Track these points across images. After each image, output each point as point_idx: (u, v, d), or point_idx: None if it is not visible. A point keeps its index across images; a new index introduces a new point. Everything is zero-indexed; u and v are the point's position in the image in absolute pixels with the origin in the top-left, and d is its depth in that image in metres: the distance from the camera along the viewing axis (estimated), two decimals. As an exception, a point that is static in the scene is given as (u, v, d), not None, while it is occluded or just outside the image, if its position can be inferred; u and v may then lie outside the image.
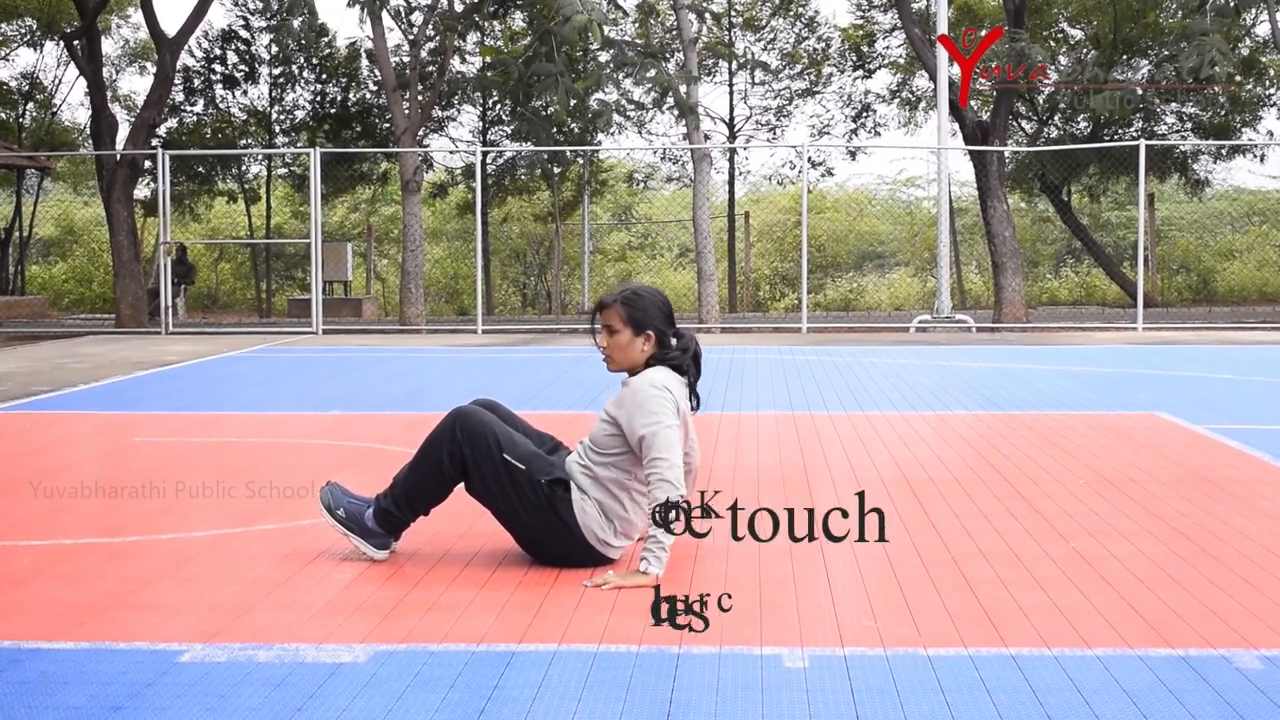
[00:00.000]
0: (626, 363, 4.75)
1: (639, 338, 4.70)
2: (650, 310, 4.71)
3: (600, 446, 4.66)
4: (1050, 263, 31.33)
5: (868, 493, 6.11)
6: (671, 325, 4.77)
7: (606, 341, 4.75)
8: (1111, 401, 9.68)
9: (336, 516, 4.80)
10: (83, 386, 11.16)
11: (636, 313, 4.70)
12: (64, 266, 32.80)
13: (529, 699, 3.35)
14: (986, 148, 20.37)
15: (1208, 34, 18.76)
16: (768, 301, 30.20)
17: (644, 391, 4.58)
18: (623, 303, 4.72)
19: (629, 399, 4.60)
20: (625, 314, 4.70)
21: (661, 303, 4.77)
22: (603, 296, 4.85)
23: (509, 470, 4.58)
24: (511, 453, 4.60)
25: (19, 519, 5.65)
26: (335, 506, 4.82)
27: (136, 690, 3.42)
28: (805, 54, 29.51)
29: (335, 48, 28.16)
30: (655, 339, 4.71)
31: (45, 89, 30.90)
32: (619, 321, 4.71)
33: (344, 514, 4.80)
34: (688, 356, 4.74)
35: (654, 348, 4.72)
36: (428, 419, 8.51)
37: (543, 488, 4.58)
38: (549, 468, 4.63)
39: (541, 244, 30.21)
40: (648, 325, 4.70)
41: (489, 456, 4.59)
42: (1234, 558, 4.81)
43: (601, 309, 4.77)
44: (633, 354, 4.72)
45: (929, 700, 3.34)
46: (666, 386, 4.61)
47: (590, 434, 4.74)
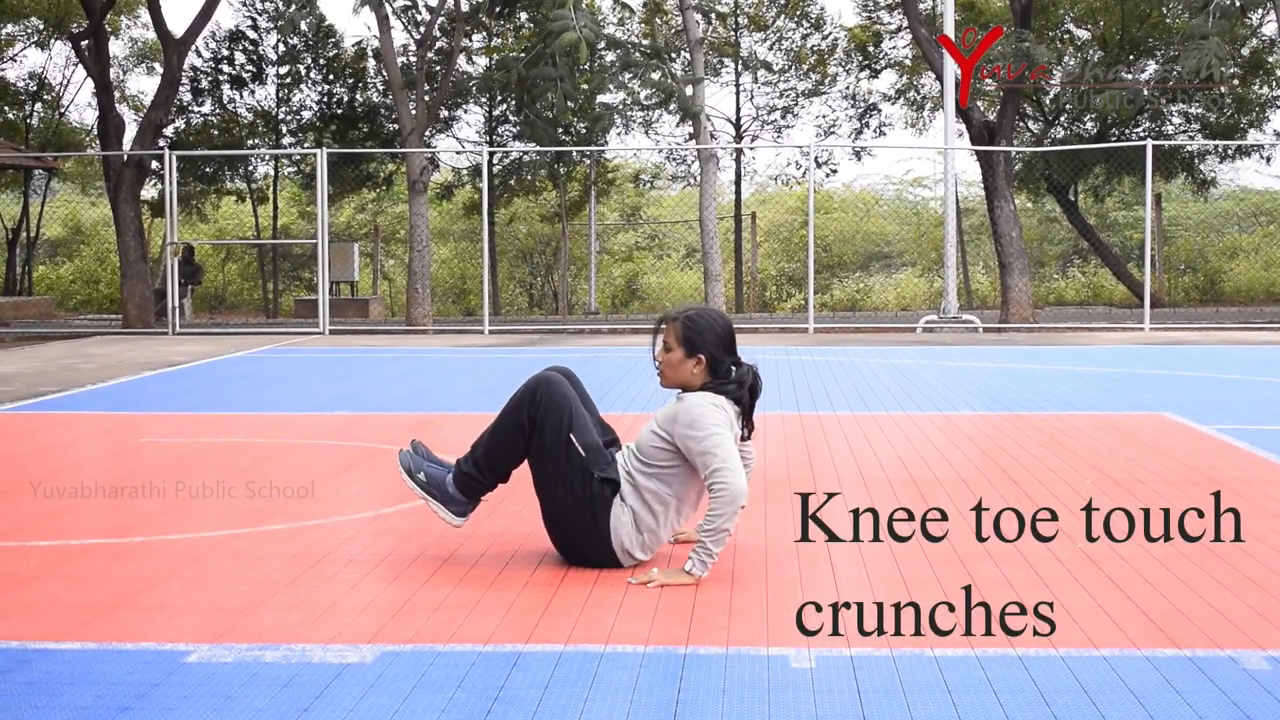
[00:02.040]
0: (677, 381, 4.74)
1: (690, 360, 4.69)
2: (707, 335, 4.69)
3: (646, 456, 4.65)
4: (1057, 263, 31.29)
5: (872, 493, 6.11)
6: (730, 354, 4.74)
7: (662, 356, 4.75)
8: (1118, 402, 9.67)
9: (417, 480, 4.81)
10: (90, 387, 11.18)
11: (692, 334, 4.68)
12: (71, 267, 32.84)
13: (535, 699, 3.35)
14: (993, 148, 20.35)
15: (1208, 37, 18.74)
16: (774, 302, 30.20)
17: (698, 408, 4.57)
18: (683, 323, 4.71)
19: (682, 415, 4.58)
20: (681, 334, 4.70)
21: (721, 330, 4.73)
22: (668, 311, 4.85)
23: (569, 451, 4.59)
24: (578, 436, 4.61)
25: (25, 519, 5.66)
26: (415, 470, 4.82)
27: (143, 691, 3.42)
28: (811, 53, 29.51)
29: (342, 48, 28.18)
30: (707, 364, 4.69)
31: (53, 89, 30.97)
32: (675, 340, 4.71)
33: (425, 478, 4.81)
34: (743, 389, 4.71)
35: (705, 373, 4.70)
36: (434, 419, 8.49)
37: (593, 482, 4.59)
38: (605, 464, 4.63)
39: (548, 244, 30.22)
40: (701, 349, 4.68)
41: (556, 429, 4.60)
42: (1241, 558, 4.80)
43: (664, 323, 4.78)
44: (683, 374, 4.71)
45: (935, 701, 3.34)
46: (720, 407, 4.60)
47: (637, 441, 4.73)
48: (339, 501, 6.00)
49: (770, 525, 5.40)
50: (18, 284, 27.87)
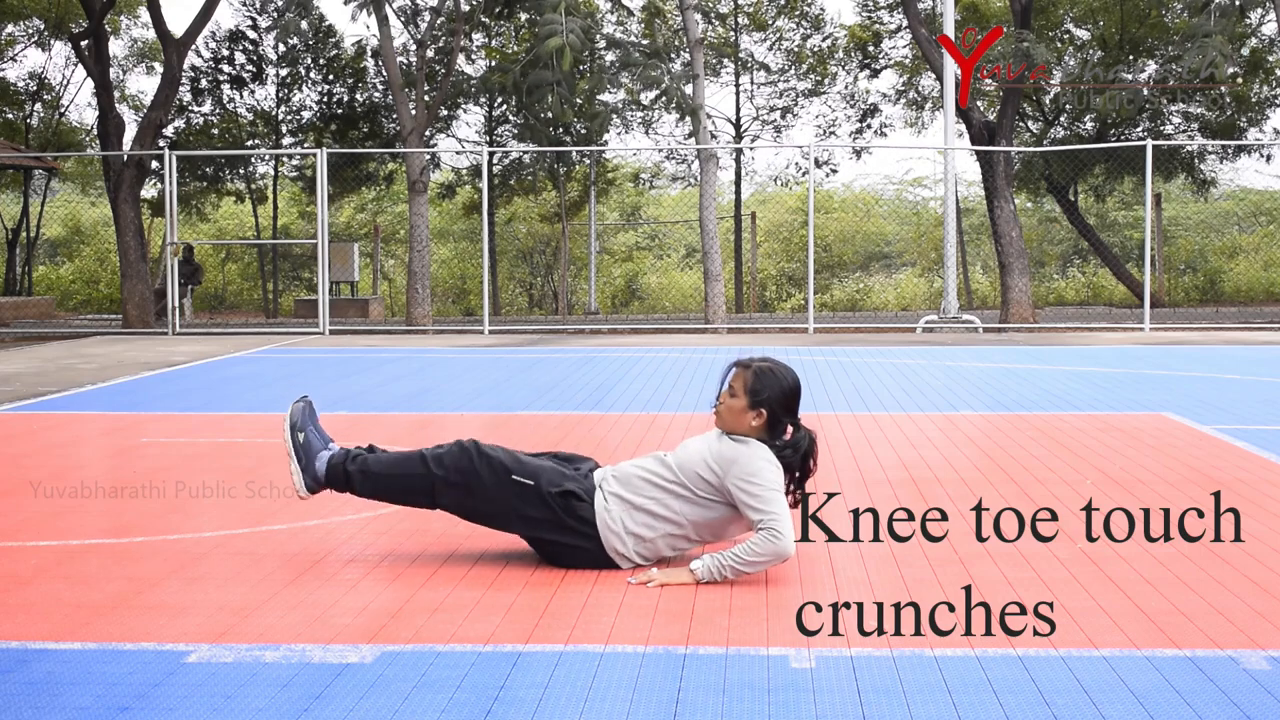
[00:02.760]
0: (732, 427, 4.69)
1: (751, 412, 4.65)
2: (774, 392, 4.65)
3: (686, 477, 4.59)
4: (1057, 263, 31.31)
5: (872, 493, 6.11)
6: (791, 415, 4.70)
7: (725, 400, 4.71)
8: (1118, 402, 9.67)
9: (295, 438, 4.78)
10: (90, 387, 11.18)
11: (760, 387, 4.65)
12: (71, 267, 32.86)
13: (535, 700, 3.35)
14: (993, 148, 20.35)
15: (1210, 35, 18.74)
16: (774, 302, 30.20)
17: (760, 460, 4.53)
18: (755, 373, 4.67)
19: (744, 462, 4.52)
20: (749, 383, 4.66)
21: (789, 388, 4.69)
22: (744, 357, 4.81)
23: (518, 490, 4.58)
24: (517, 470, 4.60)
25: (26, 519, 5.66)
26: (300, 428, 4.79)
27: (144, 691, 3.42)
28: (811, 53, 29.51)
29: (342, 48, 28.20)
30: (766, 420, 4.66)
31: (53, 89, 30.98)
32: (741, 388, 4.67)
33: (303, 439, 4.78)
34: (797, 456, 4.67)
35: (763, 428, 4.67)
36: (434, 419, 8.49)
37: (555, 499, 4.58)
38: (559, 478, 4.62)
39: (548, 244, 30.23)
40: (764, 405, 4.64)
41: (499, 479, 4.59)
42: (1241, 558, 4.80)
43: (734, 367, 4.75)
44: (740, 423, 4.66)
45: (936, 701, 3.34)
46: (775, 464, 4.57)
47: (677, 456, 4.67)
48: (339, 501, 5.99)
49: (770, 525, 5.39)
50: (18, 284, 27.87)
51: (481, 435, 4.97)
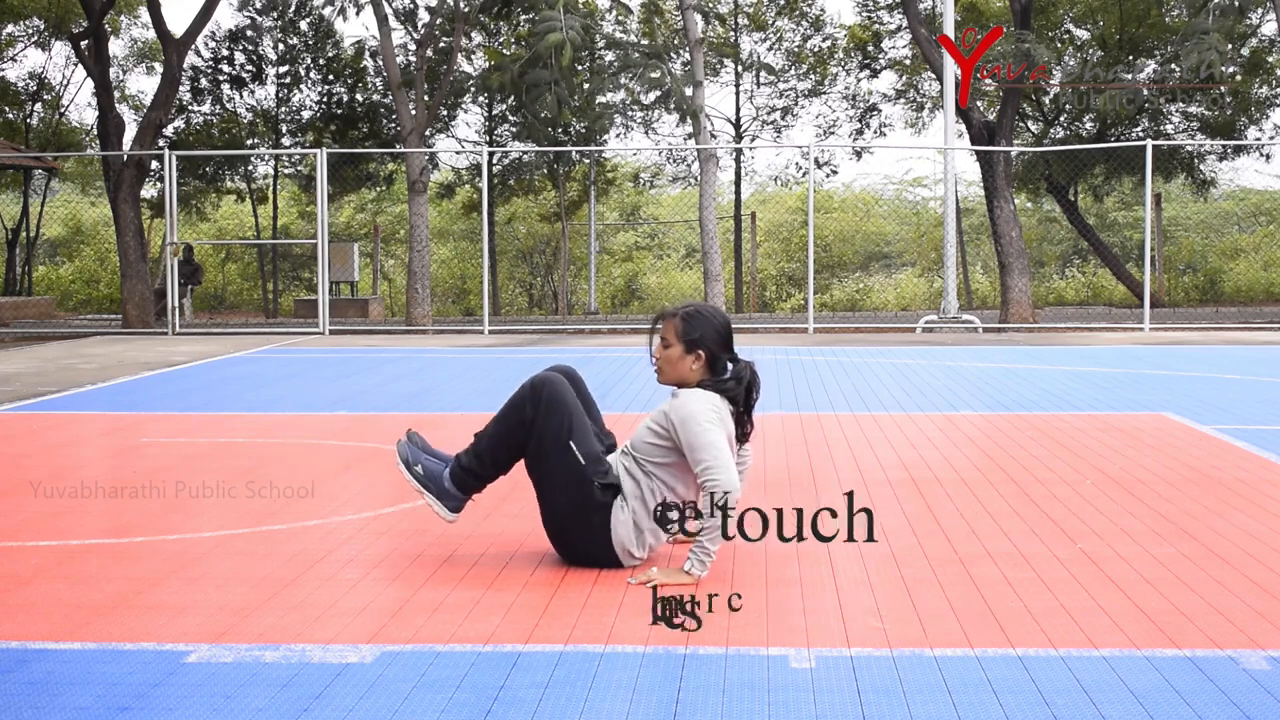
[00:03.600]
0: (675, 377, 4.74)
1: (689, 355, 4.69)
2: (706, 331, 4.69)
3: (641, 453, 4.66)
4: (1057, 263, 31.31)
5: (874, 493, 6.12)
6: (728, 350, 4.75)
7: (660, 353, 4.75)
8: (1118, 402, 9.67)
9: (414, 473, 4.81)
10: (90, 387, 11.18)
11: (692, 330, 4.69)
12: (71, 267, 32.85)
13: (535, 700, 3.35)
14: (993, 148, 20.35)
15: (1208, 33, 18.75)
16: (774, 302, 30.21)
17: (690, 406, 4.57)
18: (681, 318, 4.72)
19: (675, 410, 4.59)
20: (680, 329, 4.70)
21: (720, 325, 4.74)
22: (666, 308, 4.85)
23: (568, 457, 4.59)
24: (578, 443, 4.61)
25: (26, 519, 5.65)
26: (413, 463, 4.82)
27: (143, 691, 3.42)
28: (811, 54, 29.51)
29: (342, 48, 28.21)
30: (706, 360, 4.70)
31: (53, 89, 30.98)
32: (674, 335, 4.71)
33: (421, 471, 4.81)
34: (740, 387, 4.71)
35: (704, 369, 4.70)
36: (435, 419, 8.49)
37: (594, 489, 4.59)
38: (604, 471, 4.64)
39: (548, 244, 30.23)
40: (700, 345, 4.68)
41: (556, 434, 4.60)
42: (1241, 558, 4.80)
43: (661, 319, 4.79)
44: (681, 370, 4.71)
45: (935, 701, 3.34)
46: (714, 408, 4.60)
47: (632, 440, 4.74)
48: (339, 502, 6.00)
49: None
50: (18, 284, 27.86)
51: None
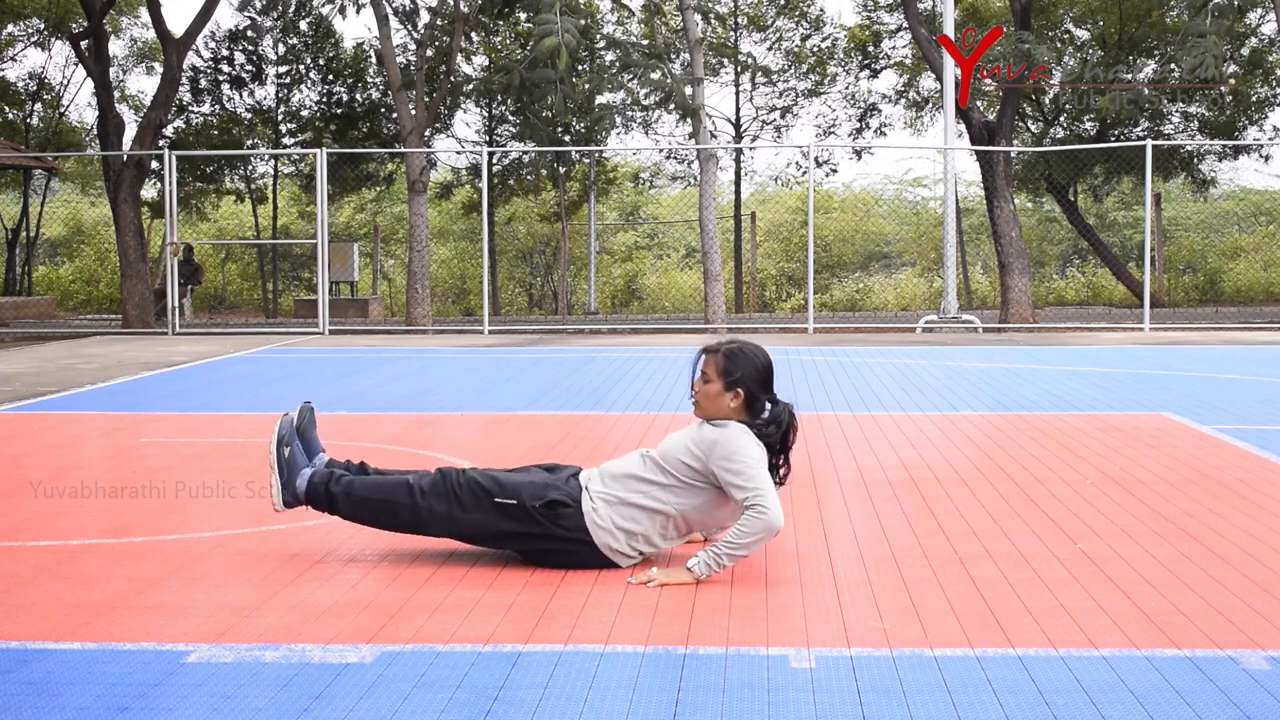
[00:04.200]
0: (712, 413, 4.72)
1: (728, 393, 4.68)
2: (747, 371, 4.69)
3: (670, 466, 4.61)
4: (1057, 263, 31.31)
5: (874, 493, 6.11)
6: (767, 391, 4.73)
7: (700, 387, 4.74)
8: (1118, 402, 9.67)
9: (279, 453, 4.81)
10: (90, 387, 11.18)
11: (732, 368, 4.68)
12: (71, 267, 32.84)
13: (535, 700, 3.35)
14: (993, 148, 20.35)
15: (1205, 35, 18.75)
16: (774, 302, 30.21)
17: (741, 438, 4.56)
18: (724, 355, 4.71)
19: (724, 443, 4.55)
20: (721, 366, 4.69)
21: (761, 365, 4.73)
22: (711, 343, 4.84)
23: (503, 511, 4.60)
24: (501, 493, 4.62)
25: (26, 519, 5.65)
26: (287, 441, 4.83)
27: (143, 690, 3.42)
28: (811, 54, 29.51)
29: (342, 48, 28.21)
30: (744, 399, 4.69)
31: (53, 89, 30.98)
32: (714, 372, 4.70)
33: (289, 454, 4.82)
34: (779, 433, 4.70)
35: (743, 408, 4.70)
36: (434, 419, 8.49)
37: (541, 512, 4.59)
38: (541, 490, 4.62)
39: (548, 244, 30.23)
40: (740, 384, 4.67)
41: (480, 508, 4.61)
42: (1241, 558, 4.80)
43: (703, 354, 4.78)
44: (719, 406, 4.70)
45: (935, 701, 3.34)
46: (758, 443, 4.60)
47: (660, 450, 4.70)
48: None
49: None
50: (18, 284, 27.86)
51: (481, 436, 4.97)
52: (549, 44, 18.04)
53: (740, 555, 4.45)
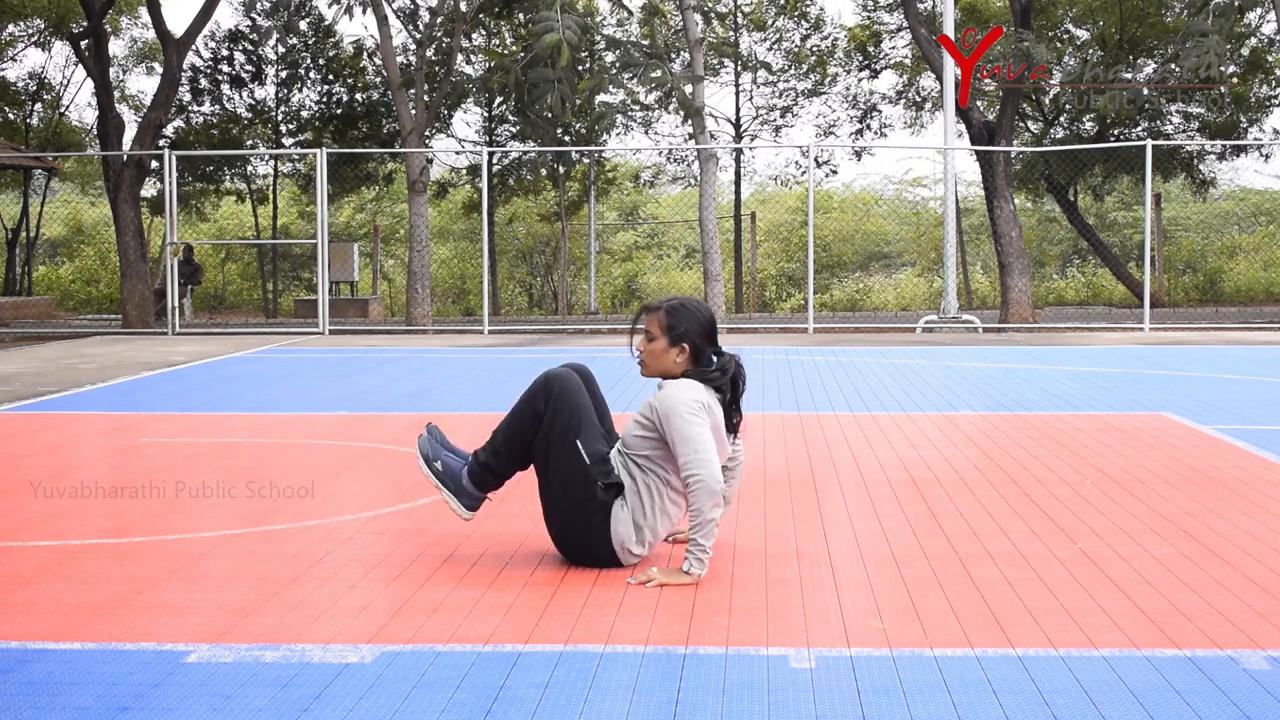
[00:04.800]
0: (659, 370, 4.76)
1: (674, 349, 4.71)
2: (690, 324, 4.71)
3: (631, 448, 4.68)
4: (1057, 263, 31.31)
5: (874, 494, 6.11)
6: (712, 343, 4.76)
7: (644, 346, 4.76)
8: (1118, 402, 9.67)
9: (433, 469, 4.82)
10: (90, 387, 11.18)
11: (675, 323, 4.71)
12: (71, 267, 32.85)
13: (535, 700, 3.35)
14: (993, 148, 20.35)
15: (1207, 35, 18.74)
16: (774, 302, 30.21)
17: (674, 397, 4.59)
18: (665, 311, 4.73)
19: (659, 402, 4.62)
20: (664, 322, 4.72)
21: (704, 318, 4.75)
22: (647, 302, 4.85)
23: (573, 456, 4.61)
24: (585, 443, 4.63)
25: (26, 519, 5.65)
26: (433, 458, 4.84)
27: (143, 690, 3.42)
28: (811, 53, 29.51)
29: (341, 48, 28.20)
30: (690, 353, 4.71)
31: (53, 89, 30.97)
32: (657, 329, 4.73)
33: (441, 468, 4.82)
34: (726, 377, 4.73)
35: (689, 361, 4.72)
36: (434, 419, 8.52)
37: (597, 489, 4.60)
38: (608, 471, 4.64)
39: (548, 244, 30.23)
40: (684, 338, 4.70)
41: (564, 432, 4.62)
42: (1241, 558, 4.80)
43: (645, 313, 4.80)
44: (665, 363, 4.73)
45: (935, 701, 3.33)
46: (697, 399, 4.61)
47: (622, 435, 4.75)
48: (339, 502, 6.00)
49: (769, 526, 5.40)
50: (18, 284, 27.86)
51: (481, 436, 4.96)
52: (549, 40, 18.04)
53: (710, 530, 4.46)
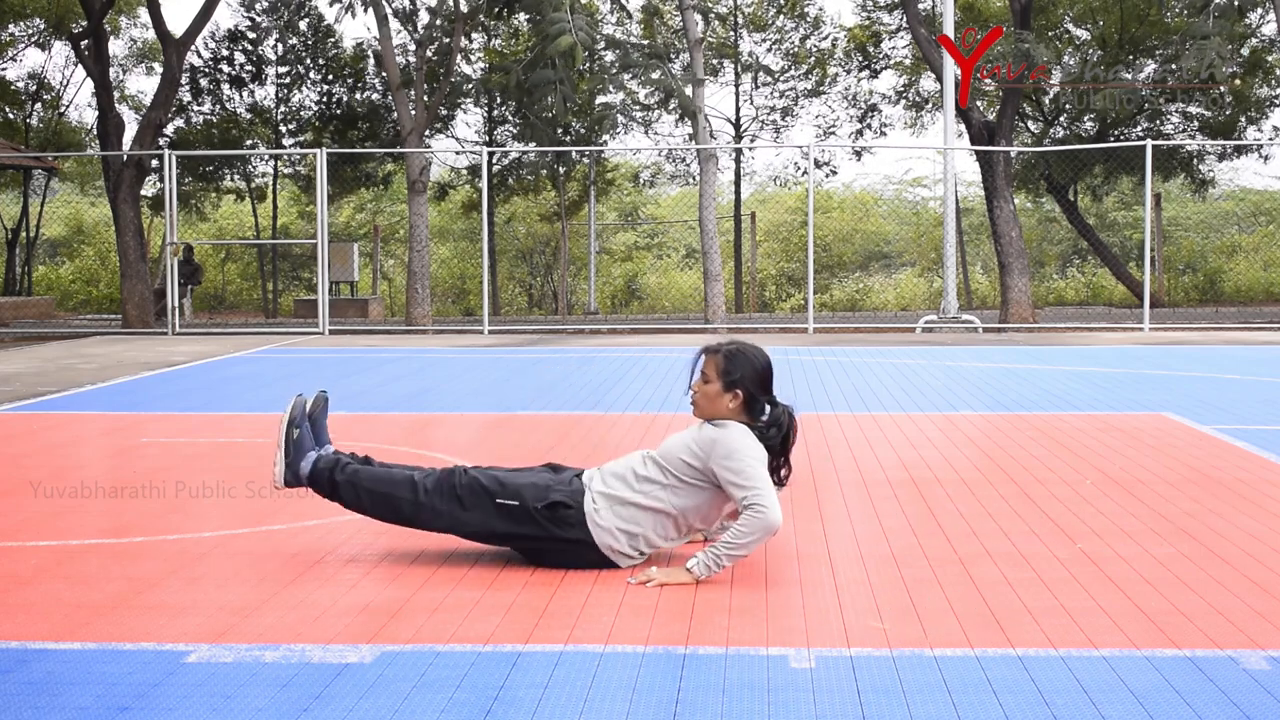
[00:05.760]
0: (710, 413, 4.73)
1: (727, 394, 4.68)
2: (746, 372, 4.69)
3: (671, 466, 4.62)
4: (1056, 263, 31.30)
5: (874, 494, 6.11)
6: (767, 393, 4.74)
7: (699, 387, 4.74)
8: (1118, 402, 9.67)
9: (289, 432, 4.81)
10: (90, 387, 11.18)
11: (732, 369, 4.68)
12: (71, 267, 32.85)
13: (535, 700, 3.35)
14: (993, 148, 20.35)
15: (1208, 37, 18.74)
16: (774, 302, 30.20)
17: (742, 439, 4.57)
18: (724, 356, 4.71)
19: (724, 442, 4.56)
20: (721, 367, 4.69)
21: (760, 367, 4.73)
22: (711, 343, 4.84)
23: (506, 512, 4.61)
24: (503, 495, 4.62)
25: (26, 519, 5.65)
26: (297, 424, 4.83)
27: (143, 690, 3.42)
28: (811, 53, 29.51)
29: (341, 48, 28.20)
30: (743, 401, 4.69)
31: (52, 89, 30.97)
32: (714, 372, 4.71)
33: (297, 436, 4.82)
34: (779, 435, 4.71)
35: (741, 409, 4.70)
36: (434, 419, 8.47)
37: (542, 514, 4.59)
38: (543, 492, 4.63)
39: (548, 244, 30.23)
40: (739, 385, 4.68)
41: (483, 508, 4.62)
42: (1241, 558, 4.80)
43: (703, 354, 4.78)
44: (718, 407, 4.70)
45: (935, 701, 3.34)
46: (758, 443, 4.60)
47: (661, 450, 4.71)
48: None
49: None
50: (18, 284, 27.86)
51: (481, 435, 4.97)
52: (564, 43, 17.99)
53: (739, 555, 4.45)
